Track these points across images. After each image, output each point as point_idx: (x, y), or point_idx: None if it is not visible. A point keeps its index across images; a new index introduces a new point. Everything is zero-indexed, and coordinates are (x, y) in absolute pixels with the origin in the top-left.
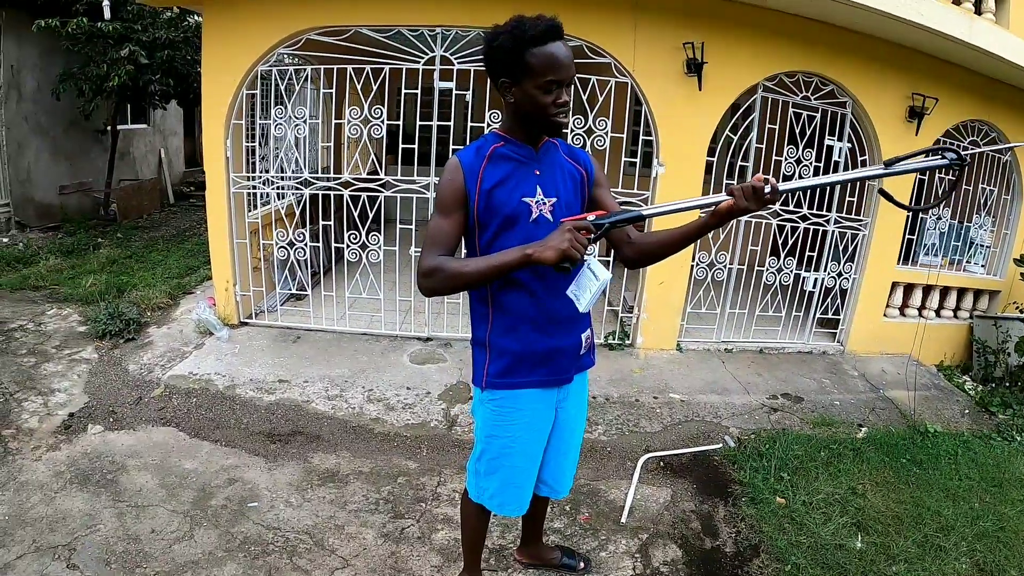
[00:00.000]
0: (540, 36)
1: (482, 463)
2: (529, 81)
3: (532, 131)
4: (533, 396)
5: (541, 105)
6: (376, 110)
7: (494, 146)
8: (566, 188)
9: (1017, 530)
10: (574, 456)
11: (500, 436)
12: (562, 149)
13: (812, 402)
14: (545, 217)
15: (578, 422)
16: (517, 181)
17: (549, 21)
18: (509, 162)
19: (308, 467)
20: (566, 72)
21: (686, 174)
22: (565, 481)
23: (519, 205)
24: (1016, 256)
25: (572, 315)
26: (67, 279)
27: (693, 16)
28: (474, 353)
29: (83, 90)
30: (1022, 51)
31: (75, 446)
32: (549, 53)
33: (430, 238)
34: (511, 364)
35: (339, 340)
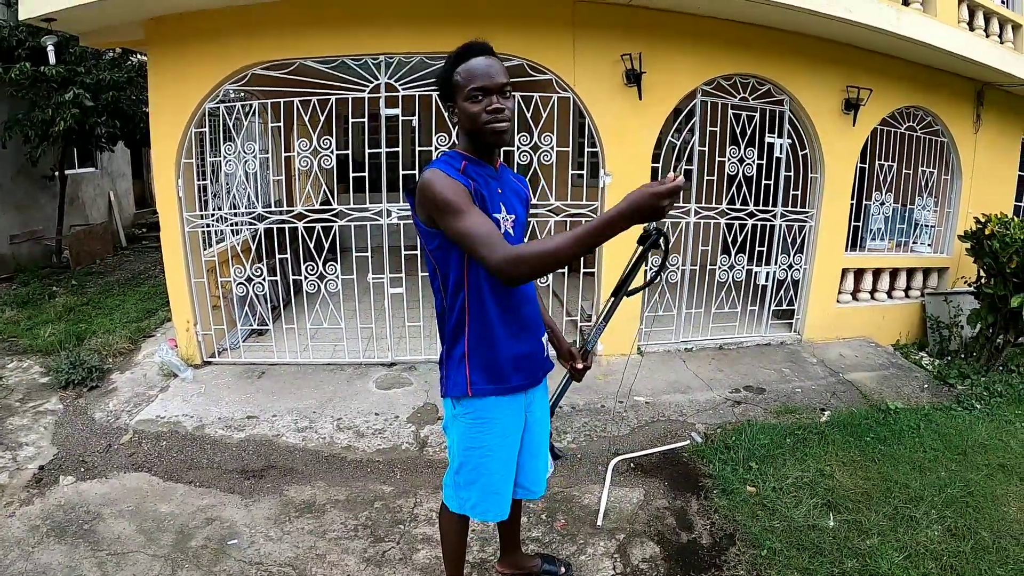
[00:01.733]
0: (462, 54)
1: (461, 475)
2: (460, 96)
3: (480, 147)
4: (506, 403)
5: (473, 115)
6: (325, 141)
7: (464, 162)
8: (519, 207)
9: (985, 493)
10: (545, 456)
11: (478, 446)
12: (510, 173)
13: (774, 392)
14: (509, 232)
15: (544, 424)
16: (488, 197)
17: (471, 41)
18: (479, 178)
19: (285, 500)
20: (488, 80)
21: (633, 181)
22: (540, 481)
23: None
24: (960, 233)
25: (536, 321)
26: (25, 330)
27: (630, 28)
28: (450, 368)
29: (29, 136)
30: (949, 38)
31: (48, 499)
32: (470, 66)
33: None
34: (492, 371)
35: (304, 372)
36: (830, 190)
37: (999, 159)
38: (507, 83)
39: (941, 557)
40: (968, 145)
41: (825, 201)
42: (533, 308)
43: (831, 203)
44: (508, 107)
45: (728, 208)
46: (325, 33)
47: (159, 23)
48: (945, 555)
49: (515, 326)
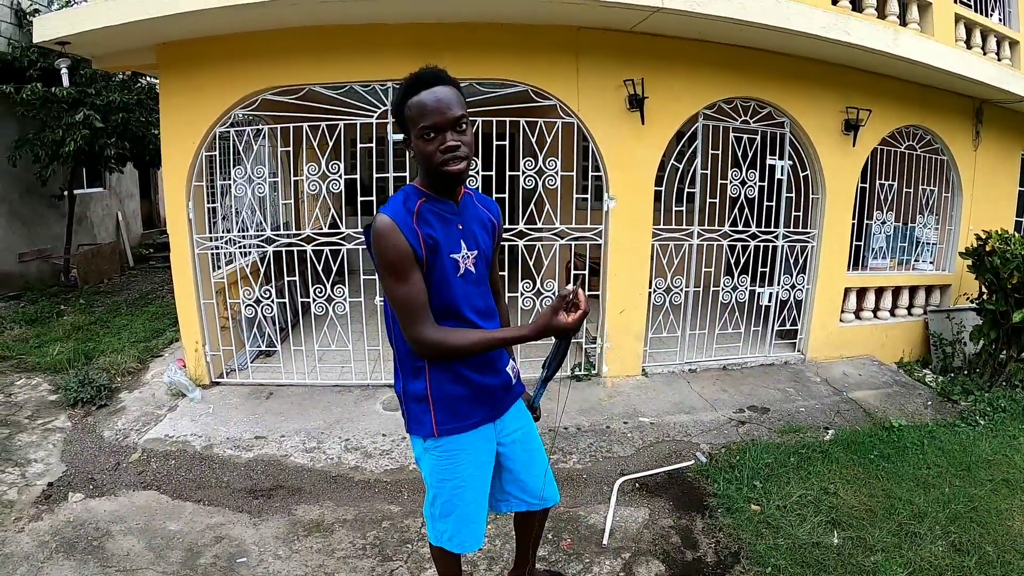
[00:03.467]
0: (410, 87)
1: (436, 507)
2: (412, 133)
3: (436, 183)
4: (475, 436)
5: (426, 154)
6: (333, 165)
7: (420, 201)
8: (483, 238)
9: (989, 508)
10: (542, 463)
11: (450, 479)
12: (476, 198)
13: (778, 411)
14: (470, 270)
15: (529, 438)
16: (444, 238)
17: (421, 70)
18: (435, 218)
19: (293, 519)
20: (438, 116)
21: (636, 205)
22: (549, 489)
23: (448, 262)
24: (961, 250)
25: (499, 355)
26: (33, 348)
27: (632, 54)
28: (409, 405)
29: (39, 156)
30: (946, 56)
31: (57, 515)
32: (418, 101)
33: (405, 308)
34: (456, 409)
35: (312, 393)
36: (831, 210)
37: (999, 175)
38: (462, 115)
39: (945, 572)
40: (968, 162)
41: (827, 221)
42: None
43: (832, 223)
44: (464, 141)
45: (731, 230)
46: (334, 60)
47: (171, 48)
48: (949, 570)
49: (478, 363)
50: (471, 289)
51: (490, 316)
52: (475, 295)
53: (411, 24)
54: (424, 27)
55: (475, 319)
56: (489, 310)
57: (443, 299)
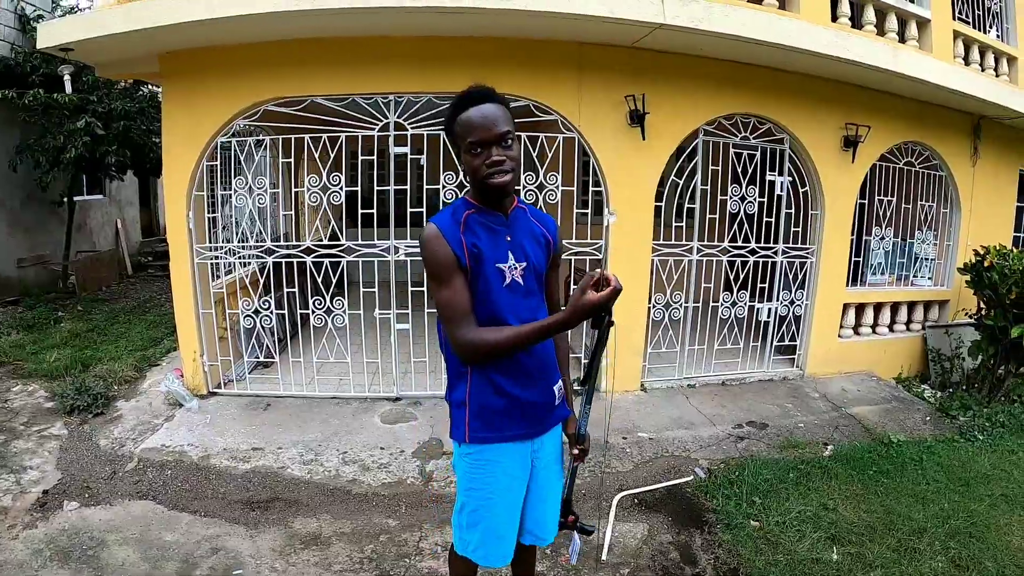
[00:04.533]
0: (459, 104)
1: (463, 516)
2: (461, 147)
3: (484, 196)
4: (510, 449)
5: (473, 168)
6: (334, 177)
7: (467, 212)
8: (535, 252)
9: (988, 524)
10: (555, 502)
11: (479, 488)
12: (530, 213)
13: (777, 427)
14: (517, 281)
15: (555, 470)
16: (491, 248)
17: (469, 88)
18: (482, 229)
19: (290, 532)
20: (484, 132)
21: (636, 220)
22: (549, 528)
23: (494, 272)
24: (960, 265)
25: (544, 369)
26: (30, 354)
27: (634, 70)
28: (452, 410)
29: (40, 162)
30: (945, 73)
31: (52, 523)
32: (466, 118)
33: (447, 311)
34: (491, 419)
35: (310, 405)
36: (830, 226)
37: (997, 191)
38: (508, 131)
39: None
40: (966, 178)
41: (826, 237)
42: (542, 358)
43: (831, 239)
44: (510, 156)
45: (730, 245)
46: (336, 72)
47: (174, 57)
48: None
49: (518, 375)
50: (518, 300)
51: None
52: (522, 307)
53: (413, 38)
54: (426, 40)
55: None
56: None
57: (488, 308)
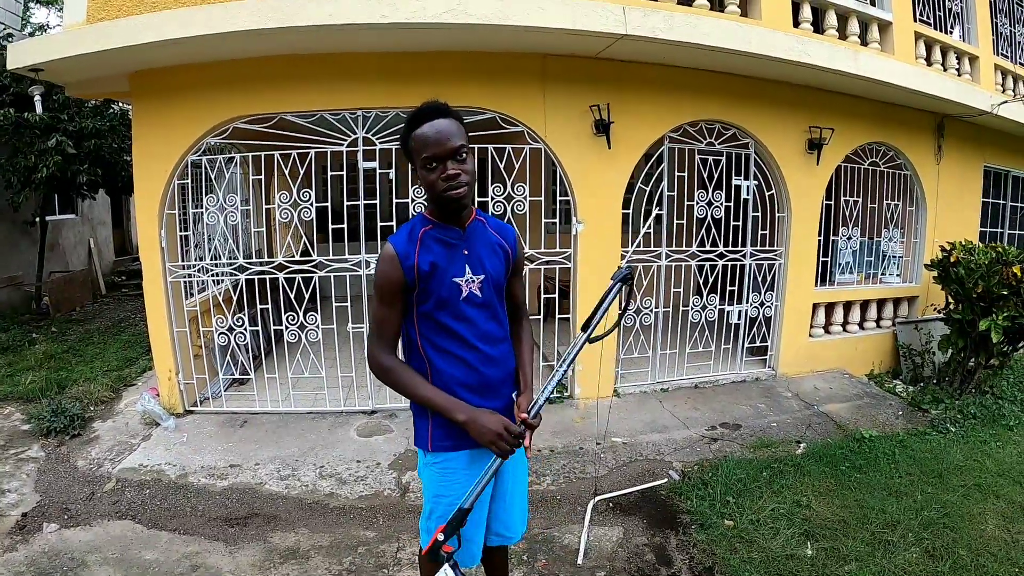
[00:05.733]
0: (413, 121)
1: (432, 521)
2: (417, 163)
3: (442, 210)
4: (470, 456)
5: (429, 183)
6: (304, 193)
7: (424, 230)
8: (493, 264)
9: (962, 514)
10: (521, 504)
11: (446, 495)
12: (490, 225)
13: (750, 427)
14: (475, 294)
15: (519, 473)
16: (447, 263)
17: (423, 105)
18: (439, 245)
19: (269, 547)
20: (438, 148)
21: (604, 228)
22: (515, 527)
23: (451, 286)
24: (927, 261)
25: (502, 379)
26: (5, 377)
27: (598, 80)
28: (415, 420)
29: (11, 182)
30: (907, 74)
31: (32, 546)
32: (420, 134)
33: (377, 327)
34: (453, 428)
35: (286, 421)
36: (797, 228)
37: (962, 188)
38: (461, 145)
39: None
40: (931, 176)
41: (793, 239)
42: (498, 369)
43: (799, 240)
44: (465, 170)
45: (698, 250)
46: (305, 89)
47: (144, 76)
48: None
49: (478, 385)
50: (475, 312)
51: (493, 340)
52: (479, 318)
53: (381, 54)
54: (393, 56)
55: (475, 341)
56: (494, 336)
57: (446, 320)
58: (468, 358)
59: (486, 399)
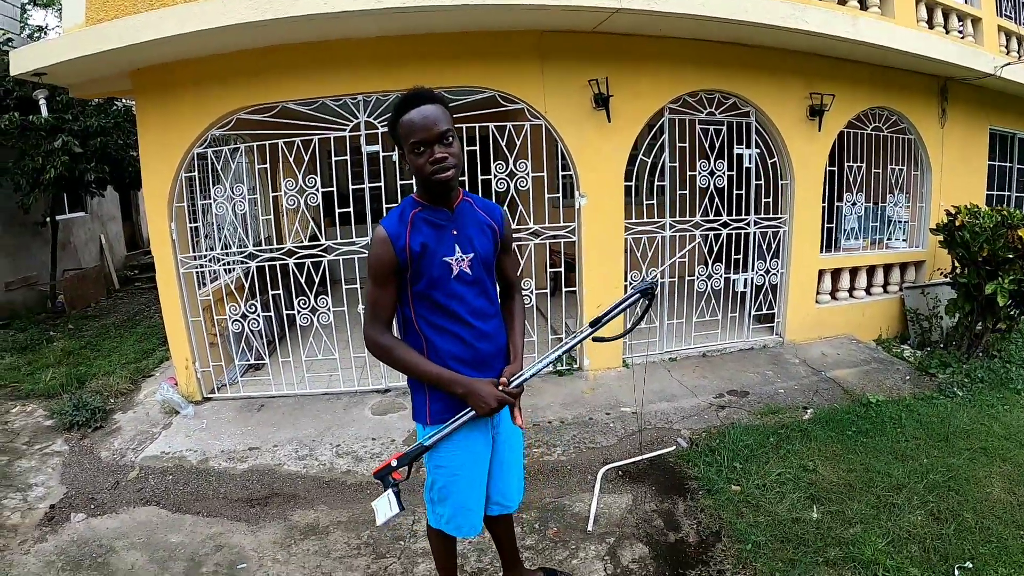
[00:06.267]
0: (400, 108)
1: (434, 492)
2: (405, 148)
3: (431, 192)
4: (471, 426)
5: (418, 167)
6: (310, 179)
7: (414, 211)
8: (481, 242)
9: (967, 477)
10: (517, 472)
11: (446, 466)
12: (477, 204)
13: (757, 394)
14: (465, 271)
15: (514, 442)
16: (437, 244)
17: (408, 91)
18: (429, 226)
19: (289, 524)
20: (425, 133)
21: (607, 201)
22: (512, 496)
23: (441, 265)
24: (932, 226)
25: (495, 353)
26: (26, 375)
27: (595, 54)
28: (413, 395)
29: (20, 184)
30: (908, 38)
31: (61, 535)
32: (408, 120)
33: (372, 308)
34: (449, 401)
35: (302, 403)
36: (801, 195)
37: (967, 151)
38: (447, 130)
39: (924, 540)
40: (935, 140)
41: (797, 206)
42: (491, 344)
43: (803, 207)
44: (451, 153)
45: (702, 220)
46: (305, 76)
47: (145, 73)
48: (928, 538)
49: (472, 360)
50: (466, 289)
51: (485, 316)
52: (470, 295)
53: (379, 38)
54: (391, 40)
55: (468, 318)
56: (485, 312)
57: (438, 298)
58: (462, 334)
59: (481, 372)
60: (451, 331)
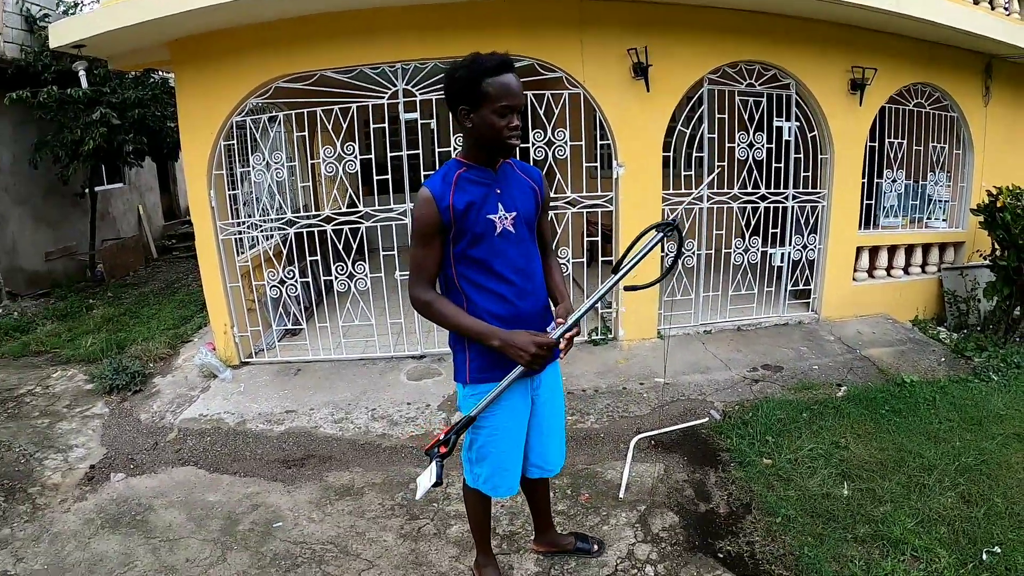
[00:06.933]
0: (495, 68)
1: (472, 452)
2: (486, 107)
3: (489, 154)
4: (511, 387)
5: (497, 128)
6: (348, 147)
7: (458, 172)
8: (524, 202)
9: (999, 461)
10: (559, 436)
11: (486, 426)
12: (517, 167)
13: (791, 369)
14: (508, 229)
15: (555, 406)
16: (482, 202)
17: (502, 56)
18: (473, 185)
19: (324, 485)
20: (518, 99)
21: (645, 171)
22: (554, 459)
23: (486, 223)
24: (973, 206)
25: (537, 312)
26: (66, 342)
27: (635, 23)
28: (455, 354)
29: (59, 156)
30: (953, 13)
31: (101, 494)
32: (503, 82)
33: (416, 266)
34: (490, 361)
35: (338, 368)
36: (840, 170)
37: (1011, 132)
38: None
39: (953, 522)
40: (979, 118)
41: (836, 181)
42: (533, 301)
43: (842, 183)
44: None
45: (740, 192)
46: (343, 45)
47: (184, 44)
48: (957, 520)
49: (513, 319)
50: (509, 248)
51: (528, 275)
52: (513, 253)
53: (416, 6)
54: (429, 8)
55: (511, 276)
56: (527, 270)
57: (481, 254)
58: (503, 292)
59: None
60: (492, 289)
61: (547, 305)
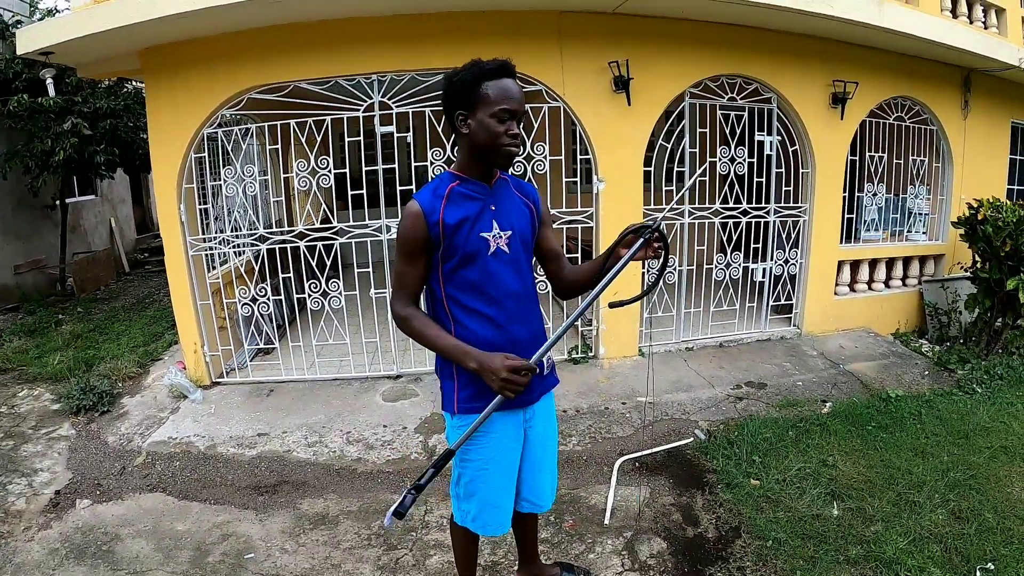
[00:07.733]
0: (495, 71)
1: (460, 487)
2: (484, 111)
3: (485, 165)
4: (501, 418)
5: (495, 133)
6: (322, 160)
7: (451, 185)
8: (519, 220)
9: (988, 475)
10: (551, 471)
11: (474, 459)
12: (512, 184)
13: (775, 386)
14: (502, 249)
15: (548, 439)
16: (475, 218)
17: (503, 60)
18: (466, 200)
19: (298, 513)
20: (518, 104)
21: (625, 186)
22: (545, 495)
23: (478, 241)
24: (953, 219)
25: (531, 339)
26: (33, 359)
27: (615, 36)
28: (442, 382)
29: (29, 167)
30: (932, 27)
31: (66, 522)
32: (503, 85)
33: (399, 282)
34: (479, 389)
35: (312, 388)
36: (822, 184)
37: (989, 144)
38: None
39: (946, 539)
40: (958, 131)
41: (817, 195)
42: (525, 327)
43: (823, 197)
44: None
45: (722, 207)
46: (317, 55)
47: (154, 52)
48: (949, 537)
49: (505, 345)
50: (502, 268)
51: (519, 297)
52: (506, 275)
53: (393, 17)
54: (405, 19)
55: (502, 299)
56: (520, 294)
57: (472, 275)
58: (495, 316)
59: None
60: (484, 313)
61: (541, 332)
